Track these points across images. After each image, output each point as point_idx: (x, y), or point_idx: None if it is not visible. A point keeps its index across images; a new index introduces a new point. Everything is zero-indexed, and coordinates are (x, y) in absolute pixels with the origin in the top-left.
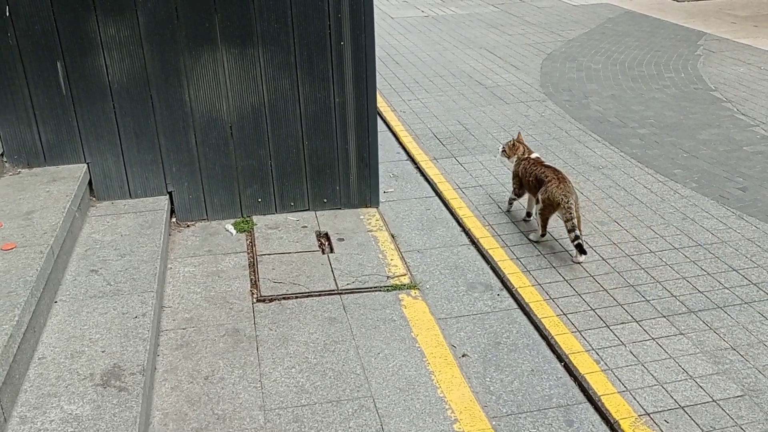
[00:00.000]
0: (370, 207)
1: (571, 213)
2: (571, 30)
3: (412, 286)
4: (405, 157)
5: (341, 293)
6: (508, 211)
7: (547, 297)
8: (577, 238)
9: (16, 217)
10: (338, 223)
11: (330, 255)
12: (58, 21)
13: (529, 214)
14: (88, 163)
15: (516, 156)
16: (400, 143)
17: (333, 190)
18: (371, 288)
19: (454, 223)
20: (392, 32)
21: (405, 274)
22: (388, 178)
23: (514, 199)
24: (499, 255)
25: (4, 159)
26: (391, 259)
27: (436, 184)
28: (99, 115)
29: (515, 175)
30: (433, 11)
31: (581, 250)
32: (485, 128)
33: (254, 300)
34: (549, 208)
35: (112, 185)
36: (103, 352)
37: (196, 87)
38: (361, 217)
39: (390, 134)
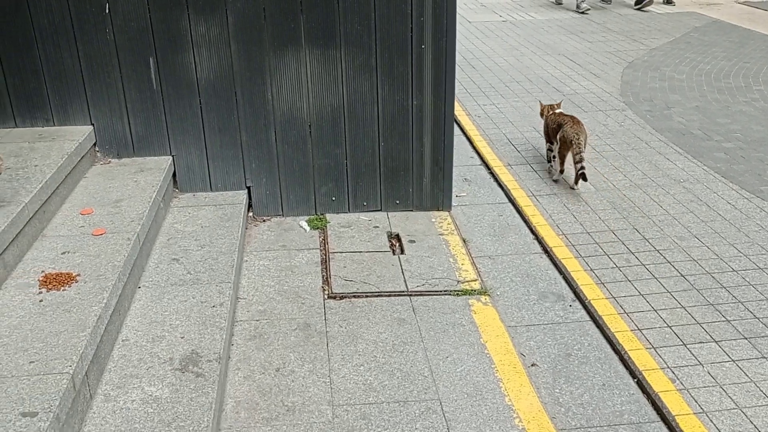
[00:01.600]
0: (442, 210)
1: (580, 148)
2: (654, 38)
3: (482, 291)
4: (478, 161)
5: (411, 295)
6: (550, 165)
7: (622, 311)
8: (582, 168)
9: (106, 205)
10: (410, 225)
11: (401, 256)
12: (152, 19)
13: (561, 172)
14: (173, 156)
15: (544, 113)
16: (474, 148)
17: (406, 192)
18: (441, 291)
19: (527, 231)
20: (469, 36)
21: (475, 280)
22: (461, 182)
23: (550, 151)
24: (572, 265)
25: (97, 149)
26: (462, 264)
27: (509, 190)
28: (186, 110)
29: (544, 128)
30: (511, 16)
31: (583, 177)
32: None
33: (325, 296)
34: (564, 145)
35: (194, 178)
36: (182, 338)
37: (279, 86)
38: (433, 220)
39: (464, 138)
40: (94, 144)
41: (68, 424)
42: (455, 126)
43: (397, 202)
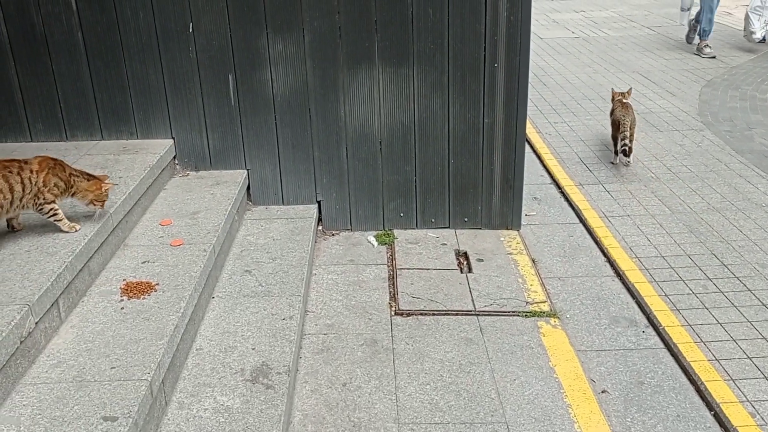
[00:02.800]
0: (511, 229)
1: (625, 128)
2: (734, 56)
3: (551, 314)
4: (549, 180)
5: (478, 314)
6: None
7: (698, 339)
8: (625, 146)
9: (183, 216)
10: (478, 243)
11: (468, 275)
12: (233, 37)
13: (615, 154)
14: (247, 170)
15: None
16: (545, 166)
17: (474, 210)
18: (509, 312)
19: (599, 253)
20: (541, 53)
21: (545, 301)
22: (531, 201)
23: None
24: (646, 290)
25: (176, 162)
26: (531, 285)
27: (580, 210)
28: (261, 126)
29: (610, 113)
30: (583, 32)
31: (625, 153)
32: (636, 155)
33: (392, 312)
34: (614, 126)
35: (267, 191)
36: (253, 349)
37: (352, 103)
38: (502, 239)
39: (534, 156)
40: (174, 157)
41: (145, 430)
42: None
43: (466, 219)
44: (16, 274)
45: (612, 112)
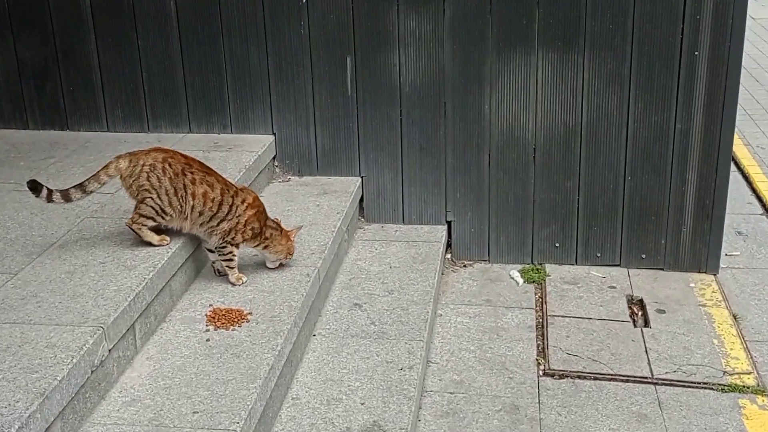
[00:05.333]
0: (705, 273)
1: None
2: None
3: (758, 390)
4: (759, 210)
5: (656, 383)
6: None
7: None
8: None
9: None
10: (658, 289)
11: (644, 330)
12: (354, 11)
13: None
14: (362, 177)
15: None
16: (755, 191)
17: (656, 244)
18: (699, 383)
19: None
20: (751, 38)
21: (749, 372)
22: (733, 236)
23: None
24: None
25: (276, 163)
26: (731, 349)
27: None
28: (383, 122)
29: None
30: None
31: None
32: None
33: (540, 372)
34: None
35: (385, 206)
36: (362, 404)
37: (500, 97)
38: (692, 284)
39: (740, 177)
40: (274, 157)
41: None
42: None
43: (643, 256)
44: (89, 290)
45: None
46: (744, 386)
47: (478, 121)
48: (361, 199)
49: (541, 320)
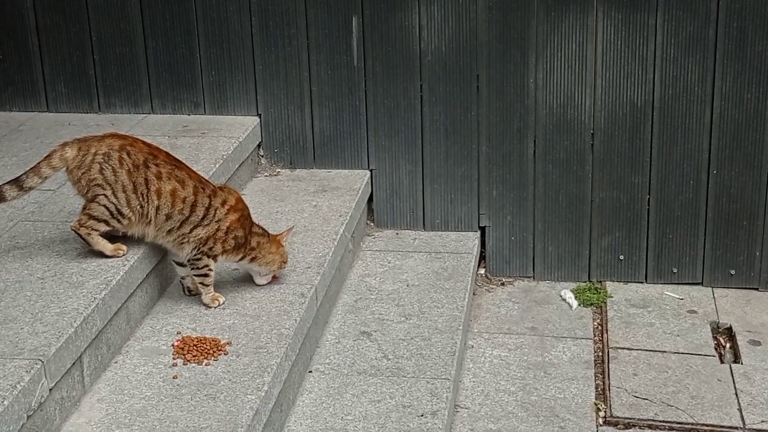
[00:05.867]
0: None
1: None
2: None
3: None
4: None
5: None
6: None
7: None
8: None
9: None
10: (752, 314)
11: (733, 366)
12: None
13: None
14: (371, 170)
15: None
16: None
17: (749, 257)
18: None
19: None
20: None
21: None
22: None
23: None
24: None
25: (261, 153)
26: None
27: None
28: (398, 100)
29: None
30: None
31: None
32: None
33: (600, 420)
34: None
35: (400, 207)
36: None
37: (548, 68)
38: None
39: None
40: (259, 145)
41: None
42: None
43: (732, 272)
44: (24, 313)
45: None
46: None
47: (521, 99)
48: (370, 199)
49: (600, 354)
